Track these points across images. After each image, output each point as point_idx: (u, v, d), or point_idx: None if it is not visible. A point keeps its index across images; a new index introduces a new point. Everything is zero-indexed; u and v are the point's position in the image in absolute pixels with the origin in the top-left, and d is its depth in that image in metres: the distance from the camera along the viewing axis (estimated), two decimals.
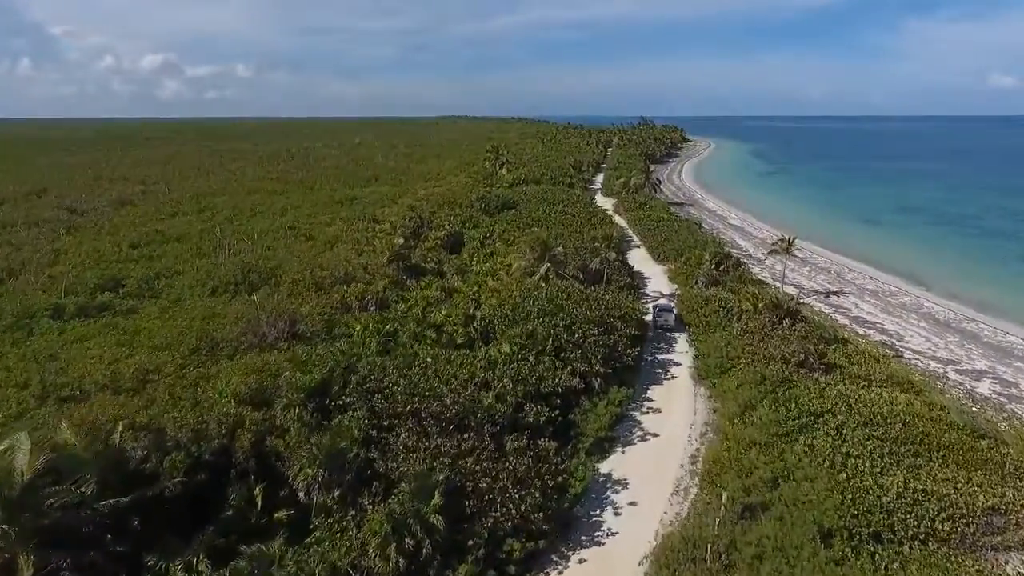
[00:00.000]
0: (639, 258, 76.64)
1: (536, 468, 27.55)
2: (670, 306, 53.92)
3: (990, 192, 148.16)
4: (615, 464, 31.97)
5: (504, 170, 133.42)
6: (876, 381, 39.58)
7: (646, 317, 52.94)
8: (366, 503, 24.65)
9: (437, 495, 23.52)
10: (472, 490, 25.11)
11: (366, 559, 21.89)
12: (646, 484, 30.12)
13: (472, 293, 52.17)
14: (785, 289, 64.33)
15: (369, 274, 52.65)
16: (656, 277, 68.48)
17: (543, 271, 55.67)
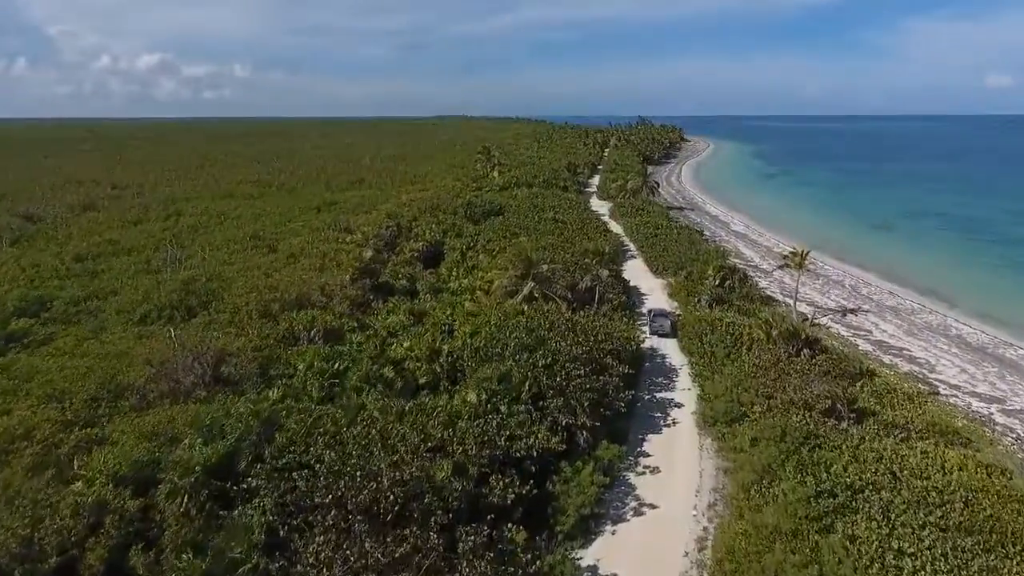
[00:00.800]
0: (636, 270, 70.28)
1: (498, 572, 21.19)
2: (665, 311, 52.21)
3: (1001, 195, 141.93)
4: (603, 551, 25.51)
5: (495, 172, 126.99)
6: (916, 430, 33.41)
7: (644, 341, 46.74)
8: None
9: None
10: None
11: None
12: None
13: (445, 317, 45.81)
14: (798, 307, 57.99)
15: (326, 296, 46.09)
16: (655, 293, 62.09)
17: (526, 291, 49.28)
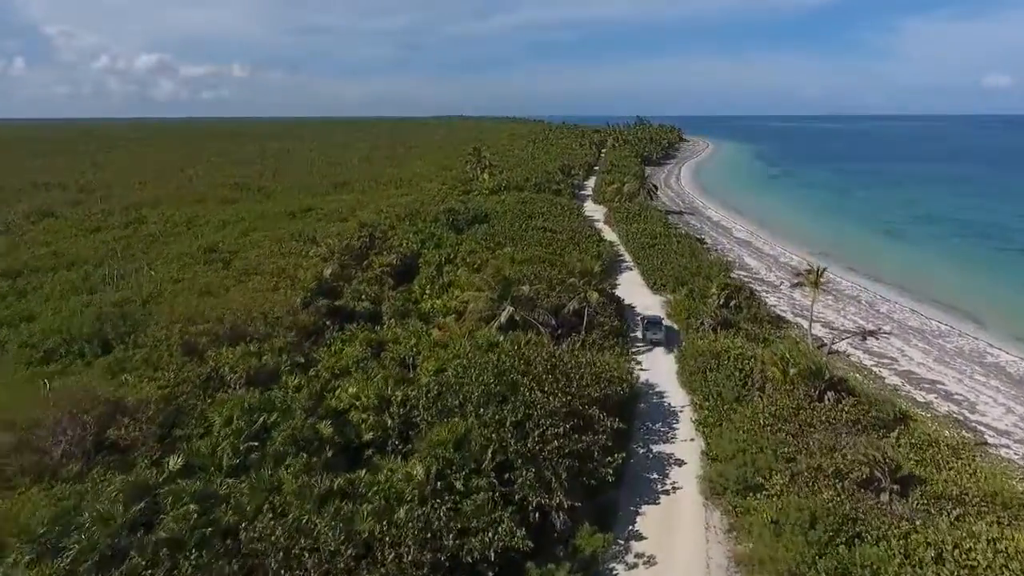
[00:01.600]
0: (631, 284, 63.89)
1: None
2: (659, 319, 49.47)
3: (1015, 197, 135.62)
4: None
5: (486, 174, 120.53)
6: (972, 502, 27.05)
7: (639, 374, 40.69)
8: None
9: None
10: None
11: None
12: None
13: (408, 349, 39.44)
14: (813, 330, 51.67)
15: (270, 324, 39.56)
16: (652, 312, 55.60)
17: (504, 316, 42.92)
